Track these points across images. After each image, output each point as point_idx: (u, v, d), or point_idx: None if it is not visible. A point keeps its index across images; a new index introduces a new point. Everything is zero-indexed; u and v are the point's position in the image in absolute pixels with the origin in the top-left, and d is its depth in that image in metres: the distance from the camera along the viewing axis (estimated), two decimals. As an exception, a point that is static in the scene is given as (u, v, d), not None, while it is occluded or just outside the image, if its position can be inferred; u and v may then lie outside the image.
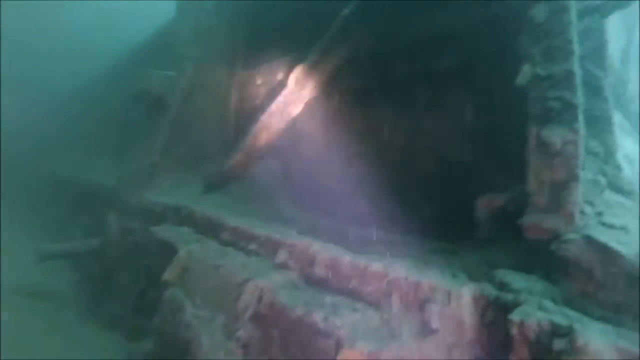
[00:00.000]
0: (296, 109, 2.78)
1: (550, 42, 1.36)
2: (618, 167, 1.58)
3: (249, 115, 3.55)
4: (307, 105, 2.83)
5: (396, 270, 1.26)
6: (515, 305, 1.01)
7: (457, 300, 1.09)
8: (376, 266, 1.31)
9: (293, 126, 2.93)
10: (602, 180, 1.40)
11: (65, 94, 7.80)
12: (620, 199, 1.40)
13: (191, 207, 2.40)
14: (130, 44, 6.07)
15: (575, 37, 1.33)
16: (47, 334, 3.04)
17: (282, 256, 1.61)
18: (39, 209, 5.98)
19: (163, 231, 2.31)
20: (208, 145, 3.61)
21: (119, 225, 3.22)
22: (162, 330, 1.78)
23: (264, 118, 2.82)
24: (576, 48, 1.32)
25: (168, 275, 1.91)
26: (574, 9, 1.37)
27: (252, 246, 1.81)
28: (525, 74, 1.41)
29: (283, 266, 1.60)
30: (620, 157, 1.68)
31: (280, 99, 2.71)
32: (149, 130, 3.45)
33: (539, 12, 1.40)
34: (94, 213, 4.43)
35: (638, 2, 1.74)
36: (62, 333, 3.09)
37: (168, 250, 2.21)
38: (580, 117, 1.27)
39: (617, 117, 1.93)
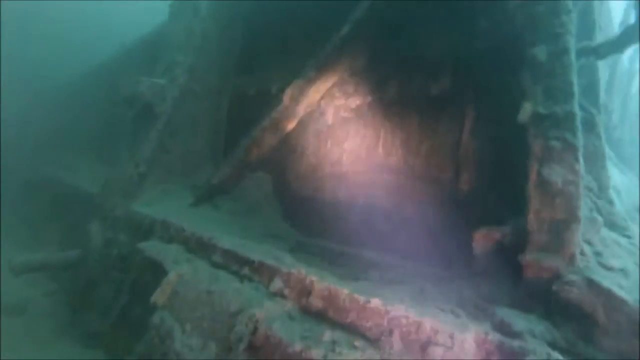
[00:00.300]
0: (290, 125, 2.75)
1: (552, 82, 1.38)
2: (611, 202, 1.61)
3: (240, 125, 3.50)
4: (301, 121, 2.81)
5: (396, 308, 1.24)
6: (521, 353, 1.01)
7: (461, 344, 1.08)
8: (375, 303, 1.29)
9: (286, 141, 2.90)
10: (598, 218, 1.42)
11: (51, 94, 7.54)
12: (615, 236, 1.42)
13: (180, 224, 2.33)
14: (120, 46, 5.93)
15: (575, 79, 1.35)
16: (20, 351, 2.90)
17: (277, 284, 1.57)
18: (11, 211, 5.74)
19: (151, 249, 2.23)
20: (197, 155, 3.54)
21: (102, 235, 3.11)
22: (149, 355, 1.71)
23: (257, 133, 2.77)
24: (576, 90, 1.34)
25: (156, 297, 1.84)
26: (574, 51, 1.39)
27: (246, 271, 1.76)
28: (526, 111, 1.43)
29: (278, 294, 1.56)
30: (611, 191, 1.72)
31: (274, 115, 2.68)
32: (137, 138, 3.35)
33: (541, 52, 1.42)
34: (73, 219, 4.28)
35: (634, 46, 1.79)
36: (36, 349, 2.95)
37: (156, 269, 2.14)
38: (581, 158, 1.29)
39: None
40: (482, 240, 1.53)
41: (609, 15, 3.03)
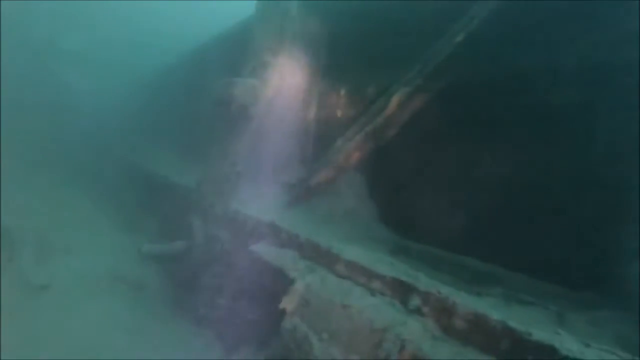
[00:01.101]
0: (393, 132, 2.74)
1: None
2: None
3: (330, 125, 3.55)
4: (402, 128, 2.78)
5: (566, 341, 1.23)
6: None
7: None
8: (539, 336, 1.28)
9: (385, 146, 2.90)
10: None
11: (136, 84, 8.01)
12: None
13: (294, 230, 2.42)
14: (202, 40, 6.14)
15: None
16: (142, 323, 3.22)
17: (415, 302, 1.61)
18: (112, 196, 6.26)
19: (268, 253, 2.36)
20: (285, 154, 3.63)
21: (204, 231, 3.32)
22: (284, 356, 1.84)
23: (360, 138, 2.79)
24: None
25: (286, 304, 1.95)
26: None
27: (375, 285, 1.82)
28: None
29: (417, 312, 1.60)
30: None
31: (378, 120, 2.68)
32: (231, 139, 3.49)
33: None
34: (169, 210, 4.60)
35: None
36: (156, 322, 3.27)
37: (275, 274, 2.27)
38: None
39: None
40: None
41: None
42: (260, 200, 3.31)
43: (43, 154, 8.03)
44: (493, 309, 1.44)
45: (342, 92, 3.48)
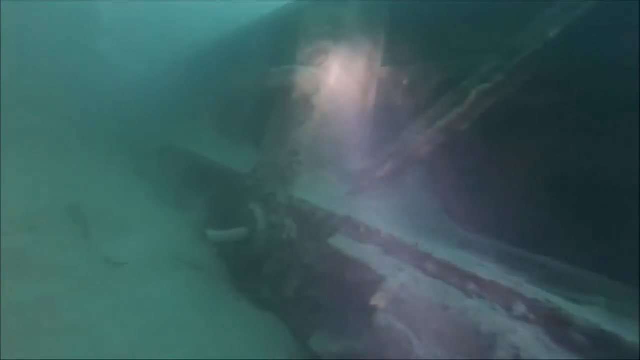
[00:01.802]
0: (466, 126, 2.68)
1: None
2: None
3: (390, 115, 3.49)
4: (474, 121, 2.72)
5: None
6: None
7: None
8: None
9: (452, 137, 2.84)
10: None
11: (174, 65, 7.98)
12: None
13: (373, 225, 2.44)
14: (245, 23, 6.03)
15: None
16: (203, 300, 3.36)
17: (520, 308, 1.62)
18: (158, 175, 6.41)
19: (348, 248, 2.39)
20: (344, 143, 3.61)
21: (266, 218, 3.38)
22: (380, 353, 1.90)
23: (431, 132, 2.75)
24: None
25: (378, 301, 1.99)
26: None
27: (471, 287, 1.83)
28: None
29: (523, 319, 1.61)
30: None
31: (452, 116, 2.62)
32: (290, 127, 3.48)
33: None
34: (217, 192, 4.68)
35: None
36: (216, 301, 3.40)
37: (357, 269, 2.31)
38: None
39: None
40: None
41: None
42: (322, 189, 3.33)
43: (89, 132, 8.22)
44: (611, 324, 1.43)
45: (404, 81, 3.40)
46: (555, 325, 1.54)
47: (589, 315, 1.52)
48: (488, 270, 1.90)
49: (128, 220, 4.72)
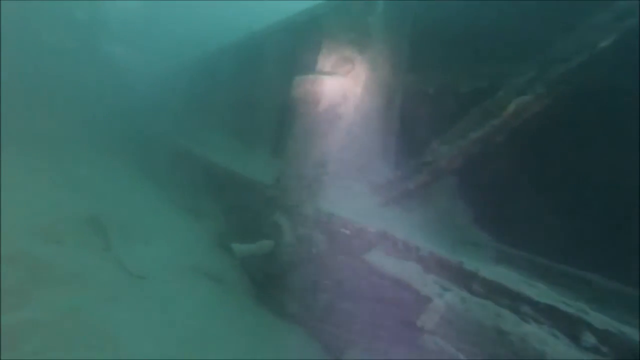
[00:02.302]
0: (503, 137, 2.61)
1: None
2: None
3: (416, 123, 3.43)
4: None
5: None
6: None
7: None
8: None
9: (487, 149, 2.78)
10: None
11: (183, 69, 7.91)
12: None
13: (412, 242, 2.38)
14: (250, 29, 5.98)
15: None
16: (225, 312, 3.30)
17: (590, 339, 1.55)
18: (171, 181, 6.35)
19: (387, 265, 2.33)
20: (371, 153, 3.55)
21: (293, 231, 3.32)
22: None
23: (465, 143, 2.68)
24: None
25: (424, 322, 1.93)
26: None
27: (525, 309, 1.77)
28: None
29: (593, 351, 1.54)
30: None
31: (488, 129, 2.56)
32: (316, 137, 3.42)
33: None
34: (234, 201, 4.62)
35: None
36: (239, 312, 3.35)
37: (397, 287, 2.25)
38: None
39: None
40: None
41: None
42: (350, 201, 3.27)
43: (102, 137, 8.20)
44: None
45: (433, 89, 3.34)
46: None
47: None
48: (540, 291, 1.83)
49: (146, 229, 4.68)
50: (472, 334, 1.78)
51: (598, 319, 1.57)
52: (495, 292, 1.91)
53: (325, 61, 3.72)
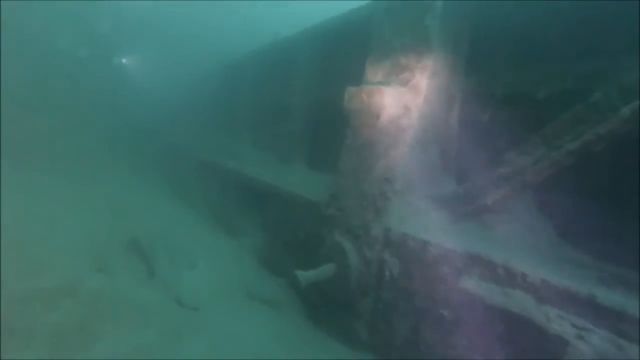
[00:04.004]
0: (602, 147, 2.35)
1: None
2: None
3: (480, 132, 3.19)
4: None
5: None
6: None
7: None
8: None
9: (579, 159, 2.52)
10: None
11: (205, 79, 7.65)
12: None
13: (516, 267, 2.13)
14: (277, 36, 5.74)
15: None
16: (284, 337, 3.06)
17: None
18: (202, 199, 6.10)
19: (492, 295, 2.08)
20: (430, 165, 3.31)
21: (358, 253, 3.08)
22: None
23: (557, 155, 2.43)
24: None
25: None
26: None
27: None
28: None
29: None
30: None
31: (590, 137, 2.30)
32: (378, 151, 3.18)
33: None
34: (274, 217, 4.37)
35: None
36: (299, 337, 3.11)
37: (511, 321, 2.00)
38: None
39: None
40: None
41: None
42: (419, 219, 3.02)
43: (126, 156, 7.95)
44: None
45: (500, 96, 3.09)
46: None
47: None
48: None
49: (186, 251, 4.44)
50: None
51: None
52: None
53: (377, 69, 3.47)
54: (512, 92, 3.03)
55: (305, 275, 2.93)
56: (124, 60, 9.65)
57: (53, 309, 2.73)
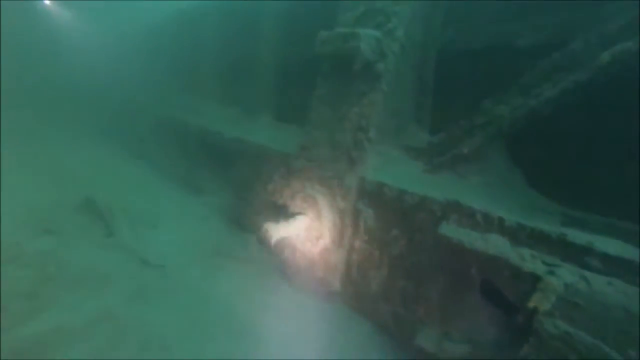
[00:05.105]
0: (579, 95, 2.31)
1: None
2: None
3: (456, 83, 3.09)
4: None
5: None
6: None
7: None
8: None
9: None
10: None
11: (166, 30, 6.88)
12: None
13: (492, 212, 2.10)
14: None
15: None
16: (277, 297, 2.98)
17: None
18: (162, 157, 5.68)
19: (470, 239, 2.05)
20: (403, 114, 3.20)
21: (331, 206, 2.97)
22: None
23: (535, 105, 2.38)
24: None
25: (537, 303, 1.70)
26: None
27: (658, 284, 1.56)
28: None
29: None
30: None
31: (567, 85, 2.25)
32: (351, 99, 3.00)
33: None
34: (253, 175, 4.13)
35: None
36: (289, 298, 3.03)
37: (485, 263, 1.99)
38: None
39: None
40: None
41: None
42: (393, 168, 2.93)
43: (77, 117, 7.16)
44: None
45: (476, 47, 2.98)
46: None
47: None
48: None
49: (146, 210, 4.15)
50: (606, 318, 1.56)
51: None
52: (615, 267, 1.69)
53: (350, 12, 3.22)
54: (488, 44, 2.91)
55: (274, 228, 2.79)
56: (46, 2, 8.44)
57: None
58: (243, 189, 4.30)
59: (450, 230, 2.17)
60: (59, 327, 2.09)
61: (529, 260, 1.86)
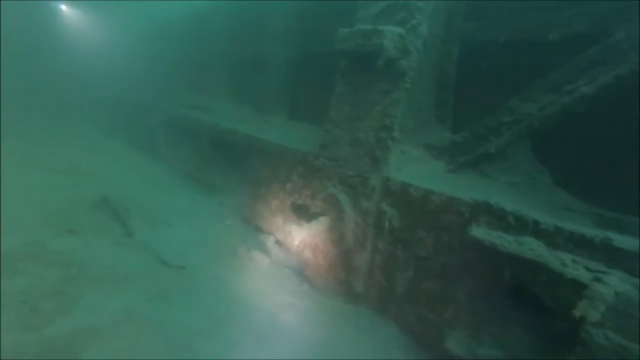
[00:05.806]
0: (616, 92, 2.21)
1: None
2: None
3: (479, 78, 2.99)
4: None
5: None
6: None
7: None
8: None
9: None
10: None
11: (175, 29, 6.79)
12: None
13: (526, 214, 2.02)
14: None
15: None
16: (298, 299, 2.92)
17: None
18: (173, 155, 5.62)
19: (503, 242, 1.97)
20: (425, 111, 3.11)
21: (354, 205, 2.89)
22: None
23: (569, 102, 2.28)
24: None
25: (584, 312, 1.62)
26: None
27: None
28: None
29: None
30: None
31: (607, 80, 2.15)
32: (374, 97, 2.91)
33: None
34: (266, 172, 4.05)
35: None
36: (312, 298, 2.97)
37: (523, 267, 1.91)
38: None
39: None
40: None
41: None
42: (407, 165, 2.85)
43: (89, 116, 7.11)
44: None
45: (501, 39, 2.86)
46: None
47: None
48: None
49: (162, 209, 4.09)
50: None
51: None
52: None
53: (370, 9, 3.12)
54: (514, 37, 2.79)
55: (297, 230, 2.72)
56: (62, 7, 8.40)
57: (17, 273, 2.37)
58: (258, 188, 4.23)
59: (482, 232, 2.08)
60: (87, 326, 2.05)
61: (571, 265, 1.78)
